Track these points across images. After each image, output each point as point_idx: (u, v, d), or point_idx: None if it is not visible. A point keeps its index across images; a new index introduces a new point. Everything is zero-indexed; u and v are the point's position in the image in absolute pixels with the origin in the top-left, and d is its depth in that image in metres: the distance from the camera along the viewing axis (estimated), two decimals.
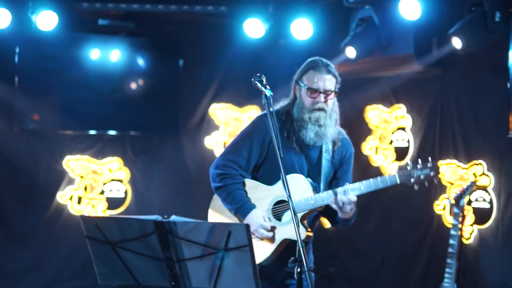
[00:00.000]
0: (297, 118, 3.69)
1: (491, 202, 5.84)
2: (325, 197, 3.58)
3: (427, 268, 6.43)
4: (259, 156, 3.73)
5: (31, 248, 7.25)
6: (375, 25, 6.22)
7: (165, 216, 2.94)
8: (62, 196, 7.38)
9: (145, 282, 3.04)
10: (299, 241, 3.10)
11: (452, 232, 5.67)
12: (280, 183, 3.63)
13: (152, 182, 7.73)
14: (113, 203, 7.54)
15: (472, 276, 5.87)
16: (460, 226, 5.66)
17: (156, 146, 7.78)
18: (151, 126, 7.72)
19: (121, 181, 7.60)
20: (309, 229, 3.68)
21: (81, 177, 7.45)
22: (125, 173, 7.61)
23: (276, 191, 3.68)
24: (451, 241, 5.64)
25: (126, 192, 7.60)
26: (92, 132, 7.54)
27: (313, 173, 3.73)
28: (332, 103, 3.72)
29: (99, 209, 7.46)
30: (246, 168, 3.73)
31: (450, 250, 5.63)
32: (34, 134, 7.37)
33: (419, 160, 3.60)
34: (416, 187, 3.54)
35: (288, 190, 3.20)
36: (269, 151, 3.72)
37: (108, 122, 7.54)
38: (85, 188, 7.47)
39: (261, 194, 3.71)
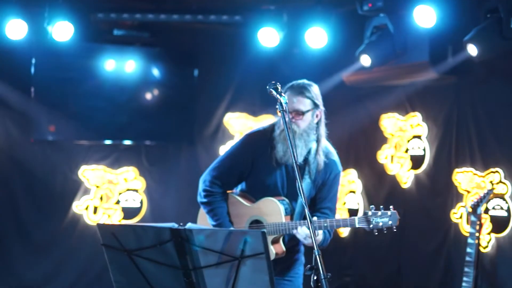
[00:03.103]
0: (273, 136, 3.91)
1: (508, 210, 5.78)
2: (292, 226, 3.76)
3: (444, 277, 6.37)
4: (243, 173, 3.95)
5: (48, 257, 7.28)
6: (390, 33, 6.20)
7: (181, 224, 2.95)
8: (78, 206, 7.41)
9: None
10: (316, 249, 3.10)
11: (470, 240, 5.62)
12: (258, 203, 3.89)
13: (167, 192, 7.75)
14: (129, 212, 7.57)
15: (490, 285, 5.81)
16: (477, 234, 5.62)
17: (171, 155, 7.80)
18: (166, 136, 7.74)
19: (136, 190, 7.62)
20: (284, 249, 3.87)
21: (97, 187, 7.48)
22: (140, 183, 7.63)
23: (253, 211, 3.91)
24: (468, 250, 5.59)
25: (141, 202, 7.63)
26: (108, 142, 7.57)
27: (292, 193, 3.88)
28: (307, 124, 3.84)
29: (115, 219, 7.48)
30: (230, 183, 3.98)
31: (467, 258, 5.58)
32: (50, 144, 7.41)
33: (381, 207, 3.77)
34: (375, 232, 3.75)
35: (309, 210, 3.22)
36: (254, 168, 3.92)
37: (123, 132, 7.57)
38: (101, 198, 7.50)
39: (239, 211, 3.96)
